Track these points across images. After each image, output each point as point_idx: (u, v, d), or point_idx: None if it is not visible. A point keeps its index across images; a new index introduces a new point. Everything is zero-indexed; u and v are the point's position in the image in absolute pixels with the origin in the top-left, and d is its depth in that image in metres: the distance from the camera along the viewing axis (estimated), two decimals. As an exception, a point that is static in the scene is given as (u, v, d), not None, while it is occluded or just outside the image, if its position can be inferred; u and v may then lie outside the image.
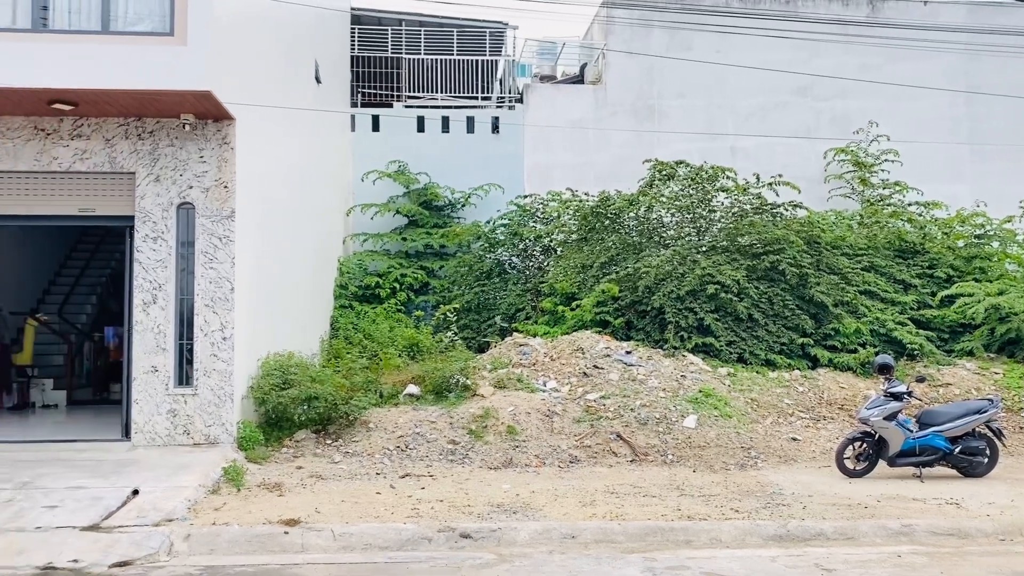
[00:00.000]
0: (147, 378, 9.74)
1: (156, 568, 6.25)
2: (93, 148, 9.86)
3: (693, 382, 11.73)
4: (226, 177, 9.90)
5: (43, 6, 9.25)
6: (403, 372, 11.98)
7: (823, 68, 17.08)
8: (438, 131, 17.39)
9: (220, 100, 9.18)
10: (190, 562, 6.43)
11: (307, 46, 13.83)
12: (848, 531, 7.24)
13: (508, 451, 10.07)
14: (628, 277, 13.22)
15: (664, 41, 17.35)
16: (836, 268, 13.68)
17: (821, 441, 10.87)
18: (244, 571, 6.25)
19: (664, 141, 17.00)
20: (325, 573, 6.26)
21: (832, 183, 16.90)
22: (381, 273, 15.71)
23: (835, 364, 12.75)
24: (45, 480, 8.13)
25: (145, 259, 9.83)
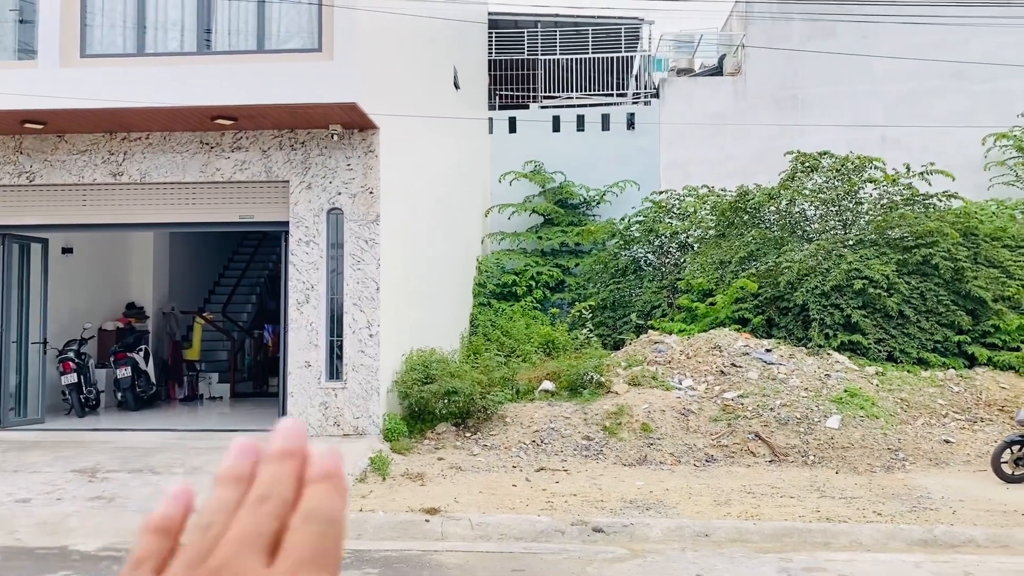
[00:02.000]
0: (301, 372, 10.41)
1: (309, 549, 6.72)
2: (251, 159, 10.63)
3: (838, 381, 11.35)
4: (371, 183, 10.43)
5: (207, 29, 10.07)
6: (539, 368, 12.22)
7: (980, 49, 16.02)
8: (573, 130, 17.54)
9: (365, 111, 9.70)
10: (339, 545, 6.87)
11: (446, 54, 14.31)
12: (1002, 538, 6.87)
13: (642, 448, 10.11)
14: (768, 272, 12.92)
15: (806, 30, 16.78)
16: (996, 261, 12.84)
17: (977, 444, 10.28)
18: (388, 556, 6.63)
19: (807, 132, 16.42)
20: (463, 560, 6.55)
21: (992, 171, 15.83)
22: (518, 271, 16.03)
23: (995, 363, 11.99)
24: (212, 466, 8.86)
25: (299, 261, 10.50)
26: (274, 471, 0.47)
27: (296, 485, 0.47)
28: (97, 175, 10.77)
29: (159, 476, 8.48)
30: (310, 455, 0.48)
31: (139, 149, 10.74)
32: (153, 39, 10.13)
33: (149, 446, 9.92)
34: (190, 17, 10.07)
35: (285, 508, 0.46)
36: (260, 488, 0.47)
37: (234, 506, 0.47)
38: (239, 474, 0.48)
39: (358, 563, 6.45)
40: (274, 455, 0.48)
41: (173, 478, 8.38)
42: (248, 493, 0.47)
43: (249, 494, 0.47)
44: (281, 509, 0.46)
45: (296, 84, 9.51)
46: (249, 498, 0.47)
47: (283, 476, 0.47)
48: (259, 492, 0.47)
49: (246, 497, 0.47)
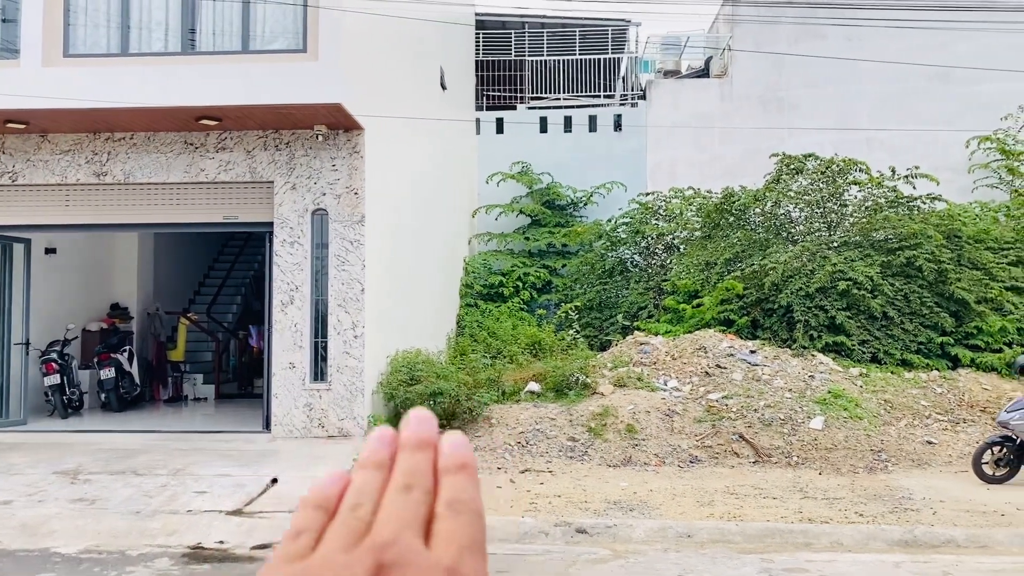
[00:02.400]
0: (285, 374, 10.38)
1: (291, 551, 6.71)
2: (235, 160, 10.60)
3: (822, 382, 11.40)
4: (356, 184, 10.42)
5: (191, 29, 10.04)
6: (525, 369, 12.22)
7: (965, 52, 16.14)
8: (560, 131, 17.56)
9: (350, 111, 9.68)
10: (322, 547, 6.86)
11: (433, 54, 14.30)
12: (981, 539, 6.93)
13: (627, 449, 10.13)
14: (754, 274, 12.97)
15: (792, 32, 16.86)
16: (979, 263, 12.94)
17: (959, 445, 10.35)
18: (371, 557, 6.62)
19: (794, 134, 16.50)
20: (445, 562, 6.55)
21: (976, 173, 15.96)
22: (505, 272, 16.04)
23: (978, 364, 12.08)
24: (196, 467, 8.84)
25: (283, 262, 10.47)
26: (413, 460, 0.51)
27: (434, 473, 0.51)
28: (80, 175, 10.71)
29: (142, 478, 8.44)
30: (442, 444, 0.52)
31: (123, 149, 10.69)
32: (137, 39, 10.08)
33: (132, 448, 9.88)
34: (174, 17, 10.03)
35: (428, 496, 0.50)
36: (404, 476, 0.50)
37: (379, 490, 0.50)
38: (380, 460, 0.52)
39: (340, 565, 6.43)
40: (410, 444, 0.52)
41: (157, 480, 8.34)
42: (389, 479, 0.51)
43: (392, 481, 0.51)
44: (425, 496, 0.50)
45: (281, 85, 9.49)
46: (394, 485, 0.50)
47: (422, 465, 0.51)
48: (404, 480, 0.50)
49: (389, 483, 0.51)
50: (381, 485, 0.51)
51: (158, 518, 7.29)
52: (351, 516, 0.50)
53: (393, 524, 0.49)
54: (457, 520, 0.49)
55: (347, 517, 0.50)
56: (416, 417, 0.54)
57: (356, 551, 0.48)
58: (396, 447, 0.52)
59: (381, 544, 0.48)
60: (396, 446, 0.52)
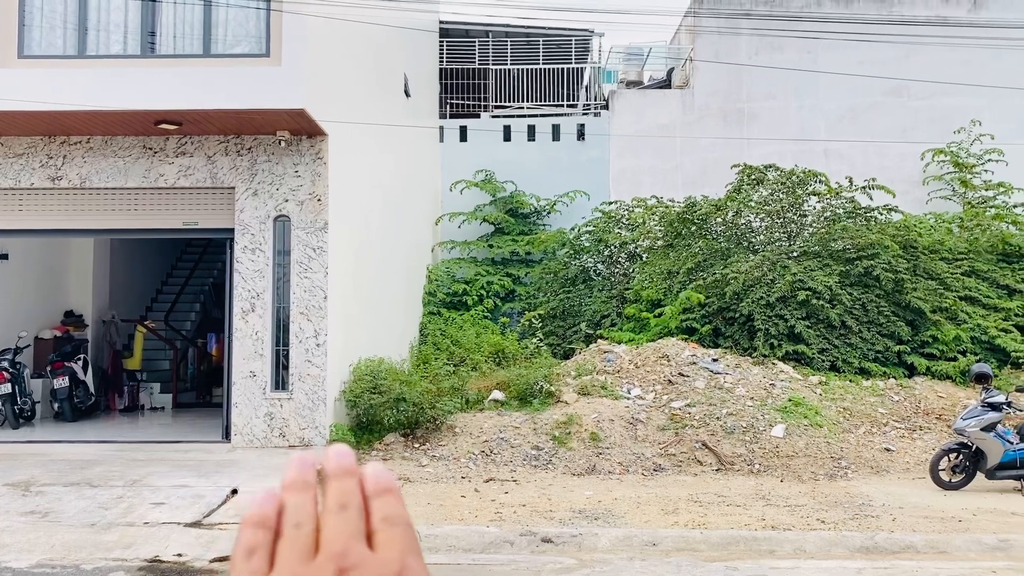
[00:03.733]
0: (245, 383, 10.22)
1: (252, 563, 6.59)
2: (196, 165, 10.43)
3: (782, 391, 11.54)
4: (319, 190, 10.31)
5: (151, 32, 9.87)
6: (488, 378, 12.19)
7: (919, 67, 16.51)
8: (524, 140, 17.59)
9: (313, 117, 9.59)
10: (284, 558, 6.74)
11: (396, 61, 14.24)
12: (940, 544, 7.04)
13: (591, 458, 10.14)
14: (715, 283, 13.09)
15: (753, 44, 17.10)
16: (934, 273, 13.21)
17: (916, 452, 10.53)
18: (334, 568, 6.52)
19: (754, 145, 16.71)
20: (410, 573, 6.48)
21: (931, 185, 16.31)
22: (468, 280, 15.99)
23: (933, 372, 12.32)
24: (153, 478, 8.65)
25: (244, 269, 10.32)
26: (342, 484, 0.56)
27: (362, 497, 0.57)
28: (35, 179, 10.46)
29: (97, 489, 8.23)
30: (366, 473, 0.58)
31: (79, 153, 10.47)
32: (95, 41, 9.89)
33: (87, 458, 9.64)
34: (134, 20, 9.85)
35: (361, 513, 0.56)
36: (338, 497, 0.56)
37: (312, 509, 0.56)
38: (305, 482, 0.57)
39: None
40: (336, 473, 0.57)
41: (112, 491, 8.15)
42: (317, 499, 0.57)
43: (328, 502, 0.56)
44: (359, 514, 0.56)
45: (243, 89, 9.36)
46: (330, 505, 0.56)
47: (351, 487, 0.56)
48: (339, 500, 0.56)
49: (322, 503, 0.56)
50: (313, 505, 0.56)
51: (114, 531, 7.11)
52: (296, 533, 0.55)
53: (342, 537, 0.54)
54: (394, 531, 0.56)
55: (293, 534, 0.55)
56: (336, 451, 0.59)
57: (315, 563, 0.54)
58: (315, 469, 0.58)
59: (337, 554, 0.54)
60: (315, 468, 0.58)
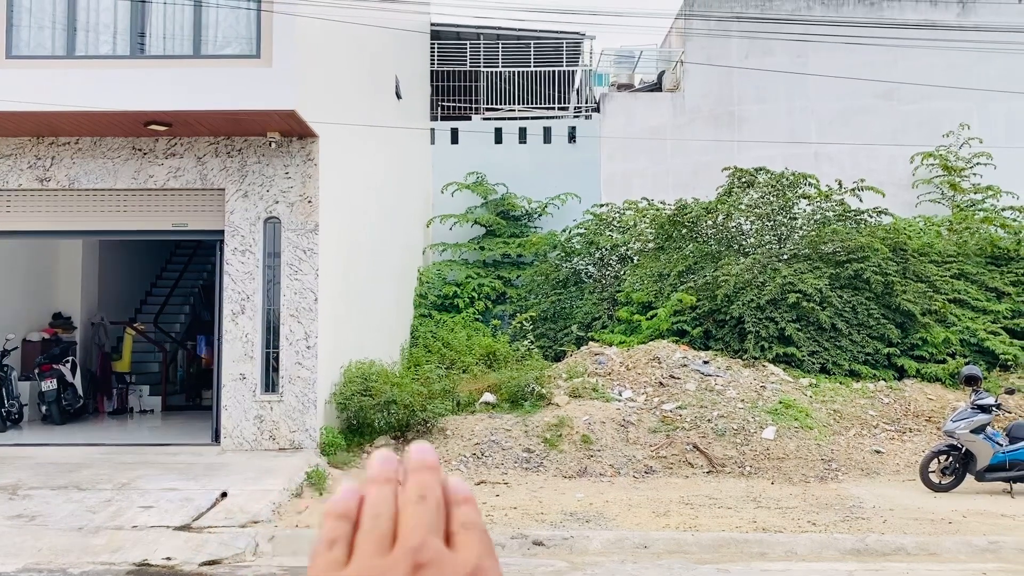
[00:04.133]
0: (235, 385, 10.17)
1: (242, 567, 6.55)
2: (186, 166, 10.38)
3: (773, 393, 11.56)
4: (310, 192, 10.27)
5: (140, 33, 9.81)
6: (480, 380, 12.16)
7: (909, 70, 16.59)
8: (515, 142, 17.58)
9: (304, 119, 9.55)
10: (274, 563, 6.71)
11: (387, 63, 14.22)
12: (930, 546, 7.05)
13: (582, 460, 10.13)
14: (706, 286, 13.11)
15: (743, 48, 17.15)
16: (924, 276, 13.27)
17: (906, 454, 10.57)
18: (324, 572, 6.48)
19: (744, 148, 16.75)
20: (401, 576, 6.45)
21: (920, 188, 16.38)
22: (459, 283, 15.97)
23: (923, 375, 12.37)
24: (141, 481, 8.59)
25: (234, 271, 10.27)
26: (423, 477, 0.57)
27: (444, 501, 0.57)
28: (23, 180, 10.38)
29: (85, 493, 8.17)
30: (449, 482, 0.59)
31: (68, 154, 10.40)
32: (84, 42, 9.82)
33: (75, 462, 9.56)
34: (123, 20, 9.80)
35: (440, 506, 0.56)
36: (417, 489, 0.56)
37: (392, 502, 0.56)
38: (387, 476, 0.58)
39: (293, 581, 6.30)
40: (417, 467, 0.58)
41: (101, 495, 8.08)
42: (399, 493, 0.57)
43: (407, 493, 0.56)
44: (438, 506, 0.56)
45: (233, 90, 9.32)
46: (409, 496, 0.56)
47: (431, 481, 0.57)
48: (417, 492, 0.56)
49: (401, 496, 0.57)
50: (393, 497, 0.57)
51: (102, 534, 7.06)
52: (374, 525, 0.56)
53: (419, 530, 0.55)
54: (471, 534, 0.57)
55: (371, 526, 0.56)
56: (418, 447, 0.60)
57: (392, 555, 0.54)
58: (398, 465, 0.59)
59: (414, 547, 0.54)
60: (398, 464, 0.59)
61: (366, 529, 0.56)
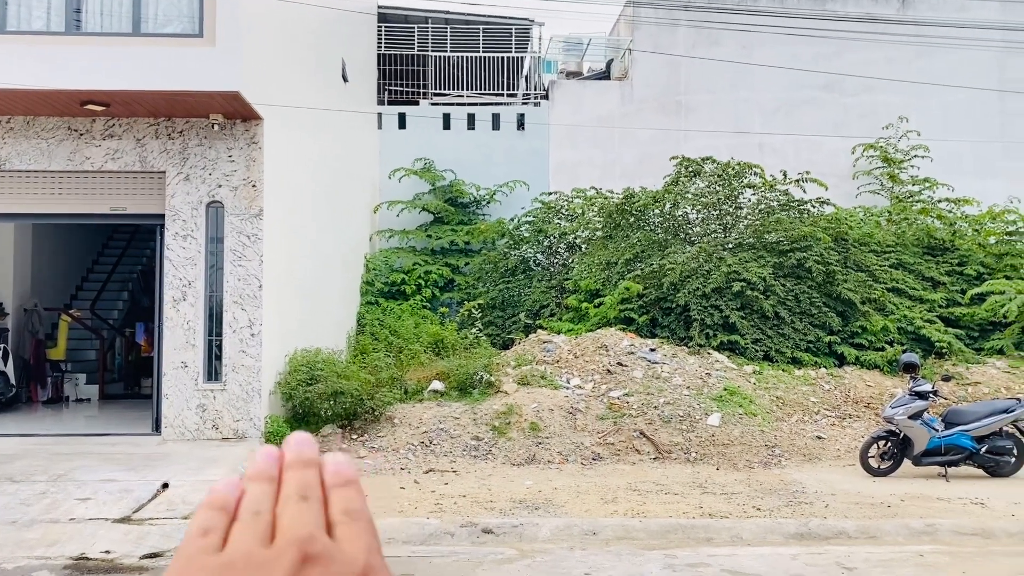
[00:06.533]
0: (177, 373, 9.93)
1: (185, 560, 6.40)
2: (124, 148, 10.06)
3: (718, 380, 11.72)
4: (254, 176, 10.05)
5: (76, 8, 9.45)
6: (428, 368, 12.09)
7: (851, 63, 16.91)
8: (464, 128, 17.45)
9: (248, 100, 9.32)
10: (218, 554, 6.56)
11: (334, 45, 13.97)
12: (870, 530, 7.23)
13: (531, 448, 10.14)
14: (653, 274, 13.22)
15: (691, 37, 17.27)
16: (864, 265, 13.58)
17: (846, 439, 10.82)
18: (270, 564, 6.37)
19: (691, 137, 16.89)
20: (349, 566, 6.37)
21: (861, 179, 16.74)
22: (407, 270, 15.83)
23: (862, 362, 12.67)
24: (78, 473, 8.33)
25: (175, 256, 10.01)
26: (303, 475, 0.55)
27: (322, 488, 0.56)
28: (-51, 160, 9.95)
29: (18, 485, 7.89)
30: (326, 463, 0.57)
31: (-2, 134, 9.98)
32: (16, 16, 9.42)
33: (7, 453, 9.23)
34: (57, -6, 9.42)
35: (322, 506, 0.54)
36: (298, 488, 0.55)
37: (272, 501, 0.55)
38: (270, 474, 0.56)
39: (238, 573, 6.17)
40: (297, 463, 0.56)
41: (35, 487, 7.81)
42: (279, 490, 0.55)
43: (287, 492, 0.55)
44: (320, 506, 0.54)
45: (175, 70, 9.05)
46: (290, 495, 0.55)
47: (312, 479, 0.55)
48: (299, 492, 0.55)
49: (282, 494, 0.55)
50: (273, 496, 0.55)
51: (36, 528, 6.82)
52: (254, 519, 0.54)
53: (305, 525, 0.53)
54: (356, 526, 0.54)
55: (251, 520, 0.54)
56: (298, 439, 0.58)
57: (276, 545, 0.52)
58: (281, 464, 0.57)
59: (301, 538, 0.52)
60: (281, 463, 0.57)
61: (244, 522, 0.54)
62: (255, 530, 0.53)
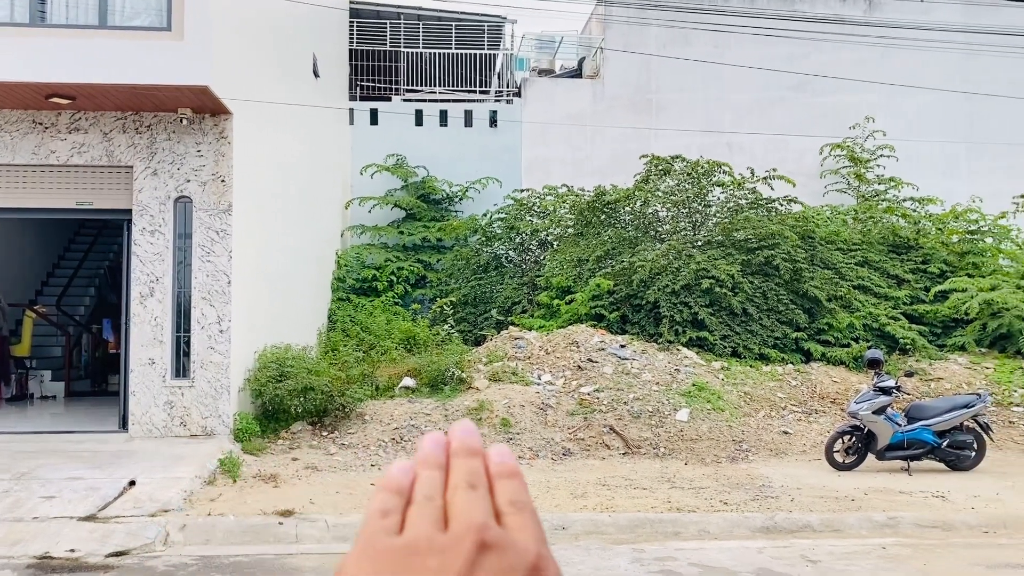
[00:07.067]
0: (144, 370, 9.83)
1: (152, 558, 6.36)
2: (91, 142, 9.94)
3: (687, 376, 11.83)
4: (223, 171, 9.97)
5: (41, 0, 9.32)
6: (399, 365, 12.08)
7: (820, 64, 17.13)
8: (436, 125, 17.43)
9: (217, 95, 9.25)
10: (185, 552, 6.53)
11: (305, 40, 13.89)
12: (834, 523, 7.35)
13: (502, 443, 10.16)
14: (623, 271, 13.31)
15: (662, 36, 17.38)
16: (830, 263, 13.77)
17: (812, 434, 10.97)
18: (239, 561, 6.35)
19: (661, 136, 17.01)
20: (318, 563, 6.37)
21: (828, 178, 16.96)
22: (378, 266, 15.79)
23: (828, 358, 12.86)
24: (43, 471, 8.23)
25: (142, 252, 9.91)
26: (470, 464, 0.56)
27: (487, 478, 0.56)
28: (-90, 153, 9.77)
29: (-19, 483, 7.77)
30: (491, 454, 0.58)
31: (-40, 126, 9.82)
32: (-22, 7, 9.27)
33: (-31, 451, 9.09)
34: (22, -15, 9.28)
35: (488, 495, 0.55)
36: (467, 477, 0.56)
37: (442, 487, 0.56)
38: (438, 461, 0.57)
39: (206, 569, 6.14)
40: (463, 451, 0.57)
41: (-3, 485, 7.71)
42: (449, 477, 0.56)
43: (456, 479, 0.56)
44: (487, 495, 0.55)
45: (143, 64, 8.95)
46: (459, 483, 0.55)
47: (478, 468, 0.56)
48: (468, 480, 0.55)
49: (450, 481, 0.56)
50: (442, 483, 0.56)
51: (1, 526, 6.74)
52: (427, 504, 0.55)
53: (479, 513, 0.54)
54: (523, 516, 0.55)
55: (425, 505, 0.55)
56: (463, 428, 0.60)
57: (453, 531, 0.53)
58: (448, 451, 0.58)
59: (479, 526, 0.52)
60: (448, 450, 0.58)
61: (419, 505, 0.55)
62: (430, 514, 0.54)
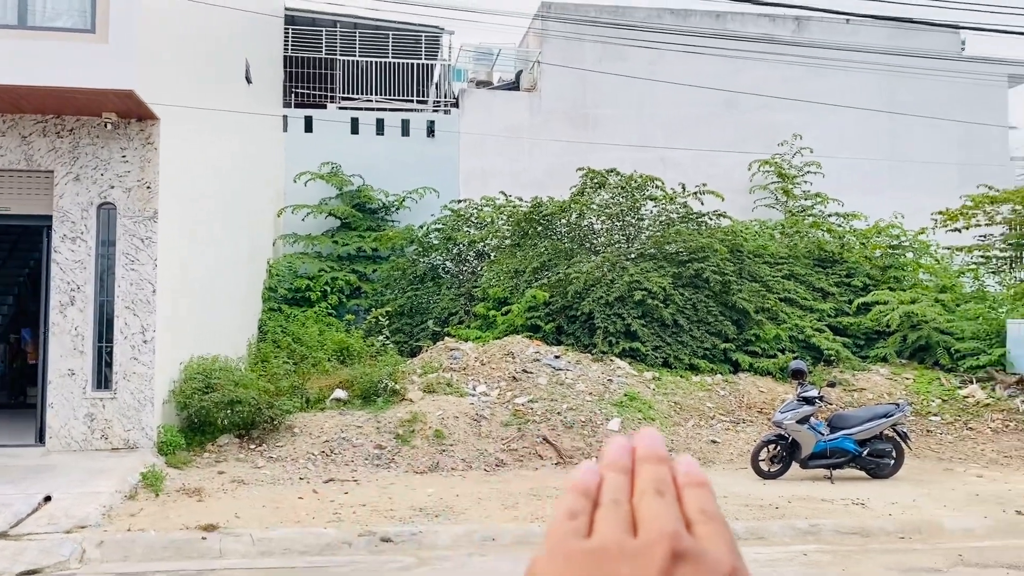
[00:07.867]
0: (63, 381, 9.51)
1: None
2: (8, 145, 9.61)
3: (619, 386, 11.95)
4: (149, 177, 9.74)
5: (-43, -2, 8.98)
6: (331, 376, 11.92)
7: (750, 81, 17.56)
8: (372, 133, 17.32)
9: (143, 99, 9.04)
10: (102, 569, 6.33)
11: (237, 45, 13.67)
12: (759, 531, 7.49)
13: (435, 455, 10.12)
14: (559, 283, 13.40)
15: (597, 52, 17.61)
16: (758, 276, 14.09)
17: (740, 443, 11.18)
18: (158, 577, 6.18)
19: (597, 149, 17.21)
20: (241, 578, 6.24)
21: (757, 194, 17.37)
22: (312, 276, 15.58)
23: (755, 369, 13.13)
24: (-48, 487, 7.88)
25: (63, 260, 9.60)
26: (658, 471, 0.55)
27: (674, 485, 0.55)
28: None
29: None
30: (678, 464, 0.57)
31: None
32: None
33: None
34: (-64, -18, 8.93)
35: (676, 503, 0.54)
36: (655, 483, 0.54)
37: (628, 491, 0.55)
38: (624, 465, 0.56)
39: (123, 588, 5.96)
40: (650, 458, 0.56)
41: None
42: (635, 483, 0.55)
43: (643, 485, 0.54)
44: (675, 503, 0.54)
45: (65, 66, 8.70)
46: (647, 488, 0.54)
47: (666, 475, 0.55)
48: (656, 486, 0.54)
49: (636, 486, 0.55)
50: (629, 488, 0.55)
51: (-97, 546, 6.43)
52: (615, 508, 0.54)
53: (670, 520, 0.52)
54: (713, 525, 0.53)
55: (612, 508, 0.54)
56: (650, 434, 0.59)
57: (644, 538, 0.51)
58: (632, 455, 0.57)
59: (671, 534, 0.51)
60: (632, 454, 0.57)
61: (606, 509, 0.54)
62: (619, 518, 0.53)
